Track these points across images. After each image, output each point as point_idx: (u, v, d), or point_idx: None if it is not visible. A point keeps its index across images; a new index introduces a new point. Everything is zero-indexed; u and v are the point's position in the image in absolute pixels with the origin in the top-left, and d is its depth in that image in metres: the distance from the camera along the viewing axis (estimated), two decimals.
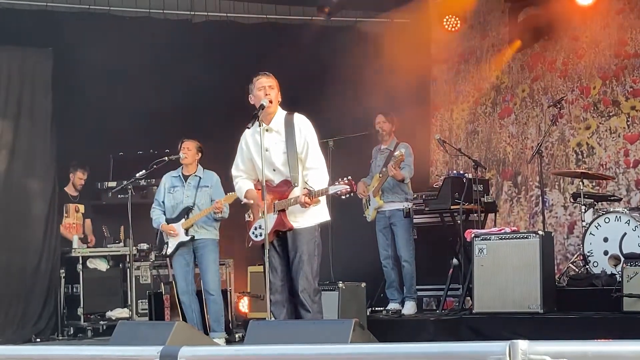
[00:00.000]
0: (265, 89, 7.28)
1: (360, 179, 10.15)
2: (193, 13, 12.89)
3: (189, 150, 9.68)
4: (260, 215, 7.18)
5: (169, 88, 12.06)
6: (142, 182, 11.75)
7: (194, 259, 9.62)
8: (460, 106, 12.98)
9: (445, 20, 12.27)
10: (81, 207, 11.82)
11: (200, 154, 9.79)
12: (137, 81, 11.69)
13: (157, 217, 9.68)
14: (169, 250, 9.57)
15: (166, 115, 12.09)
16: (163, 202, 9.72)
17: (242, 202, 7.64)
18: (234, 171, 7.50)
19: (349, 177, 7.02)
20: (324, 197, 7.16)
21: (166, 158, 10.02)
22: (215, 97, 12.06)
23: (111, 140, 12.20)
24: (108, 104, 11.89)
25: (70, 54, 11.35)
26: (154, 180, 12.09)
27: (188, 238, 9.52)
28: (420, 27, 12.56)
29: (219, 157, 9.63)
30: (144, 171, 10.01)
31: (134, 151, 12.18)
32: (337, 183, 7.00)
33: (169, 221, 9.59)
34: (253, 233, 7.32)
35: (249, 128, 7.23)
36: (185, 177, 9.73)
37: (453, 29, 12.35)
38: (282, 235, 7.20)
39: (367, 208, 10.17)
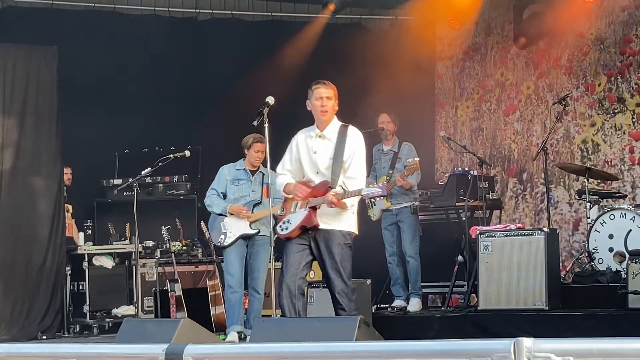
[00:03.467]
0: (322, 99, 7.33)
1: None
2: (198, 11, 12.91)
3: (263, 154, 9.28)
4: (291, 210, 7.27)
5: (174, 85, 12.09)
6: (148, 180, 11.78)
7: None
8: (465, 103, 12.98)
9: (449, 17, 12.27)
10: (70, 207, 11.79)
11: None
12: (142, 79, 11.71)
13: (219, 202, 9.45)
14: (228, 241, 9.36)
15: (171, 112, 12.12)
16: (222, 193, 9.50)
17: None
18: (279, 169, 7.51)
19: (384, 182, 7.12)
20: (355, 211, 7.25)
21: (171, 156, 10.02)
22: (220, 95, 12.07)
23: (117, 137, 12.23)
24: (113, 101, 11.92)
25: (75, 52, 11.36)
26: (159, 177, 12.13)
27: (254, 231, 9.34)
28: (424, 24, 12.56)
29: (224, 154, 9.64)
30: (149, 168, 10.00)
31: (140, 149, 12.20)
32: (371, 186, 7.10)
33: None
34: (280, 227, 7.32)
35: (254, 125, 7.28)
36: (252, 172, 9.53)
37: (456, 27, 12.35)
38: (310, 234, 7.20)
39: (372, 207, 10.16)
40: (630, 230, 9.00)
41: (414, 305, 9.93)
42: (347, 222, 7.21)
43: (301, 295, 7.16)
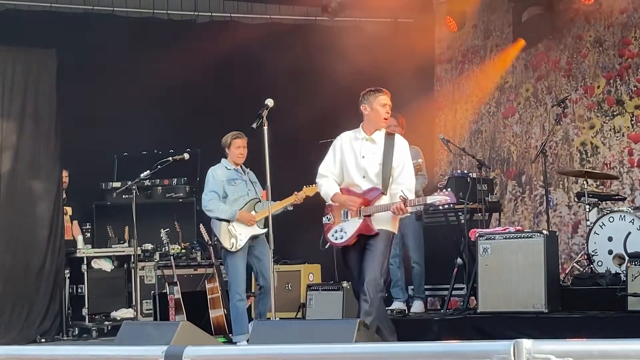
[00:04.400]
0: (386, 107, 7.53)
1: None
2: (197, 13, 12.92)
3: (245, 149, 9.36)
4: (341, 219, 7.40)
5: (173, 88, 12.09)
6: (147, 183, 11.78)
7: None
8: (464, 106, 12.98)
9: (448, 19, 12.29)
10: (69, 210, 11.76)
11: None
12: (141, 81, 11.71)
13: (224, 208, 9.25)
14: (240, 244, 9.19)
15: (170, 115, 12.12)
16: (222, 194, 9.34)
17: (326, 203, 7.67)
18: (322, 170, 7.57)
19: (449, 189, 7.19)
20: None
21: (170, 158, 10.01)
22: (219, 97, 12.08)
23: (115, 140, 12.22)
24: (112, 104, 11.91)
25: (74, 55, 11.37)
26: (158, 180, 12.12)
27: (263, 230, 9.13)
28: (424, 27, 12.57)
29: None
30: (148, 171, 9.99)
31: (138, 151, 12.20)
32: (435, 194, 7.16)
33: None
34: (333, 235, 7.48)
35: (253, 128, 7.28)
36: (243, 171, 9.45)
37: (454, 29, 12.36)
38: (363, 238, 7.35)
39: None
40: (630, 233, 9.00)
41: (417, 307, 9.99)
42: (394, 225, 7.44)
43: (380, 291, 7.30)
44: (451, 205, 7.21)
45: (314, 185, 8.24)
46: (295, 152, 11.05)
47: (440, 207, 7.48)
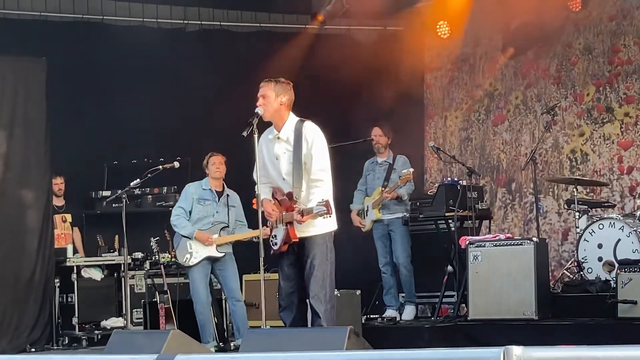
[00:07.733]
0: (258, 99, 7.23)
1: (350, 206, 10.21)
2: (186, 22, 12.90)
3: (221, 165, 9.68)
4: (275, 225, 7.14)
5: (163, 97, 12.08)
6: (137, 191, 11.73)
7: (211, 271, 9.67)
8: (453, 113, 12.99)
9: (438, 27, 12.31)
10: (68, 217, 11.75)
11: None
12: (131, 90, 11.69)
13: (186, 225, 9.58)
14: (194, 261, 9.51)
15: (160, 124, 12.09)
16: (190, 211, 9.65)
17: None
18: (254, 175, 7.24)
19: (326, 199, 6.87)
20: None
21: (160, 167, 9.99)
22: (209, 106, 12.07)
23: (105, 149, 12.20)
24: (102, 113, 11.90)
25: (64, 63, 11.34)
26: (148, 189, 12.10)
27: (220, 255, 9.52)
28: (413, 35, 12.57)
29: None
30: (138, 180, 9.95)
31: (129, 160, 12.17)
32: (318, 204, 6.90)
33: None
34: (271, 241, 7.23)
35: (243, 136, 7.19)
36: (218, 193, 9.69)
37: (445, 36, 12.39)
38: (294, 246, 7.08)
39: (363, 218, 10.17)
40: (619, 240, 9.03)
41: (409, 312, 10.00)
42: (322, 225, 7.02)
43: (296, 307, 7.13)
44: (329, 215, 6.91)
45: None
46: None
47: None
